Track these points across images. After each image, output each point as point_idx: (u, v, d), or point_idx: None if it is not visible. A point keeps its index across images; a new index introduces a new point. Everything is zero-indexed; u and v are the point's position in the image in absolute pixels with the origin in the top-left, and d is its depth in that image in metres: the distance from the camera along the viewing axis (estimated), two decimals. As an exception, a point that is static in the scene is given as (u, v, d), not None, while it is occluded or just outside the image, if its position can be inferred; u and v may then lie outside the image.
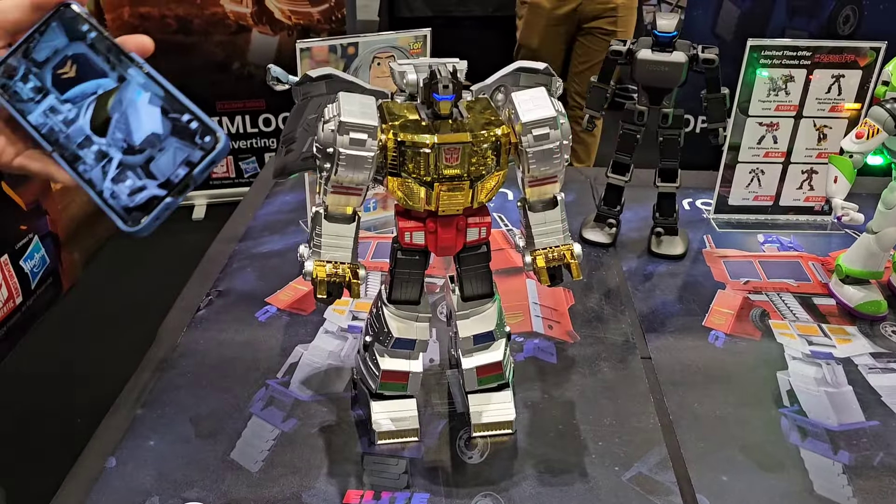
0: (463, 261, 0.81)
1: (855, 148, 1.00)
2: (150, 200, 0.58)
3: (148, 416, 0.89)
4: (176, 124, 0.58)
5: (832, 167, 1.03)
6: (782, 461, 0.85)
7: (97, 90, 0.61)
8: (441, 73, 0.72)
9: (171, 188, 0.57)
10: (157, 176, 0.58)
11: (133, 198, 0.58)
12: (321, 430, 0.88)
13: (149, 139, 0.59)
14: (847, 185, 1.01)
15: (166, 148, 0.58)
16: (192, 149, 0.58)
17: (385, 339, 0.83)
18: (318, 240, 0.76)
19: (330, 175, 0.72)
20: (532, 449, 0.86)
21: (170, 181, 0.58)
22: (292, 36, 2.63)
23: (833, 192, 1.02)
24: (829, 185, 1.03)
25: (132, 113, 0.60)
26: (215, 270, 1.18)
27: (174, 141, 0.58)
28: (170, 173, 0.58)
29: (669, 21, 1.11)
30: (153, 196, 0.58)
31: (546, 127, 0.72)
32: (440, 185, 0.72)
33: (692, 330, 1.07)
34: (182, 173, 0.57)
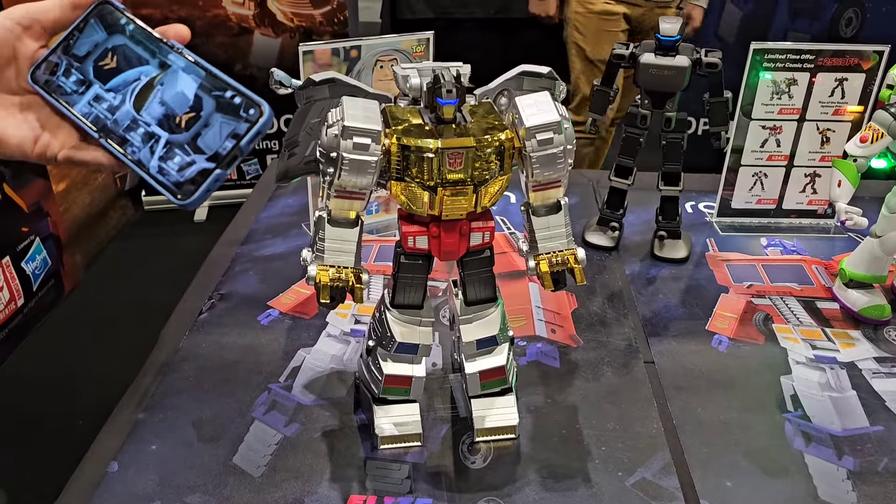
0: (466, 265, 0.81)
1: (859, 152, 1.00)
2: (199, 174, 0.61)
3: (150, 421, 0.89)
4: (220, 101, 0.62)
5: (836, 171, 1.02)
6: (786, 466, 0.85)
7: (140, 77, 0.64)
8: (445, 78, 0.72)
9: (219, 160, 0.61)
10: (204, 150, 0.61)
11: (183, 173, 0.61)
12: (324, 434, 0.88)
13: (186, 109, 0.62)
14: (851, 189, 1.01)
15: (212, 123, 0.62)
16: (238, 122, 0.61)
17: (388, 344, 0.83)
18: (321, 244, 0.76)
19: (333, 179, 0.72)
20: (535, 454, 0.86)
21: (218, 154, 0.61)
22: (294, 38, 2.63)
23: (837, 197, 1.02)
24: (833, 189, 1.02)
25: (174, 94, 0.63)
26: (217, 274, 1.18)
27: (219, 116, 0.62)
28: (217, 146, 0.61)
29: (672, 25, 1.11)
30: (202, 169, 0.61)
31: (550, 131, 0.72)
32: (444, 189, 0.72)
33: (695, 334, 1.06)
34: (229, 145, 0.61)
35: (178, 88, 0.63)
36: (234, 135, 0.61)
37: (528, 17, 3.59)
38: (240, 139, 0.61)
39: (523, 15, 3.54)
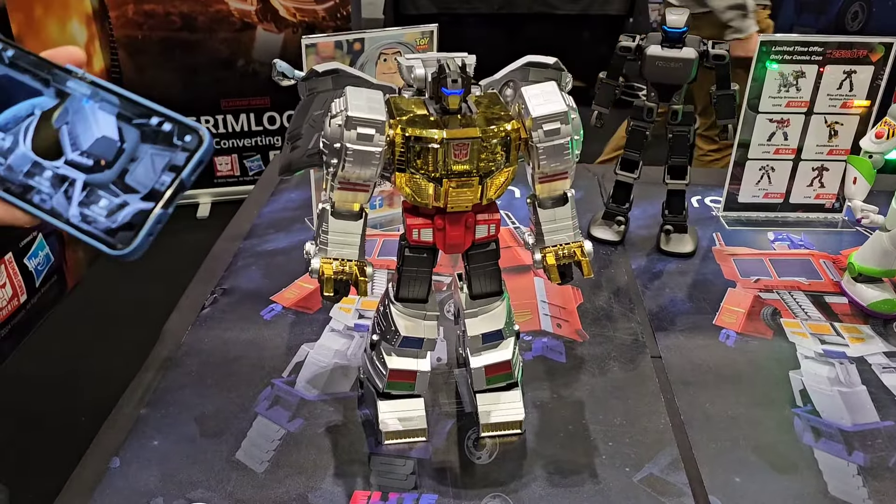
0: (471, 258, 0.80)
1: (874, 148, 0.99)
2: (135, 216, 0.50)
3: (152, 416, 0.88)
4: (144, 129, 0.52)
5: (851, 168, 1.01)
6: (796, 462, 0.84)
7: (33, 111, 0.54)
8: (450, 68, 0.71)
9: (158, 198, 0.51)
10: (137, 189, 0.51)
11: (114, 217, 0.51)
12: (327, 430, 0.87)
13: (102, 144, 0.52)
14: (867, 186, 1.00)
15: (140, 157, 0.52)
16: (173, 152, 0.51)
17: (392, 338, 0.82)
18: (324, 237, 0.75)
19: (337, 171, 0.71)
20: (541, 449, 0.85)
21: (155, 191, 0.51)
22: (297, 33, 2.62)
23: (853, 194, 1.00)
24: (849, 186, 1.01)
25: (83, 127, 0.53)
26: (220, 269, 1.17)
27: (148, 147, 0.52)
28: (152, 182, 0.51)
29: (679, 17, 1.10)
30: (138, 210, 0.51)
31: (557, 122, 0.71)
32: (449, 181, 0.71)
33: (702, 329, 1.05)
34: (167, 180, 0.51)
35: (91, 122, 0.53)
36: (171, 167, 0.51)
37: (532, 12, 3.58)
38: (179, 171, 0.51)
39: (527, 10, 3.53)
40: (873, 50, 1.20)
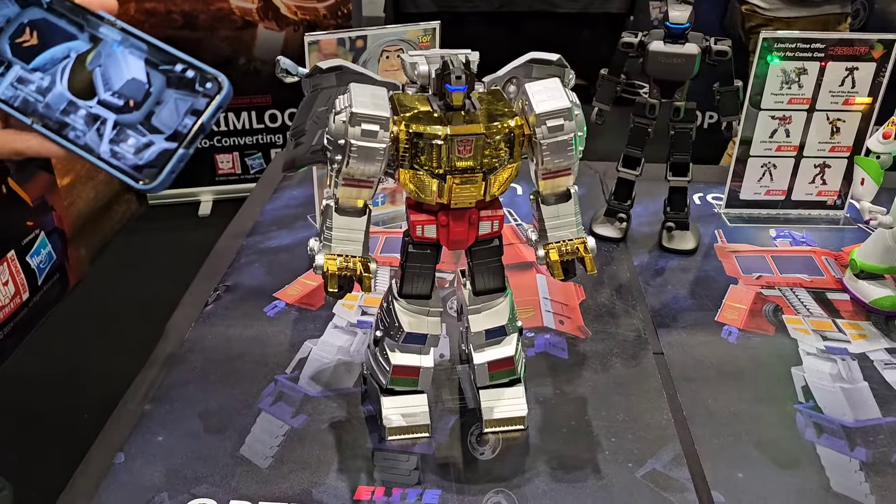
0: (475, 254, 0.80)
1: (882, 148, 0.99)
2: (160, 155, 0.56)
3: (156, 412, 0.89)
4: (169, 76, 0.57)
5: (858, 169, 1.01)
6: (798, 458, 0.84)
7: (69, 53, 0.58)
8: (454, 64, 0.71)
9: (180, 139, 0.55)
10: (162, 130, 0.56)
11: (140, 155, 0.56)
12: (331, 425, 0.87)
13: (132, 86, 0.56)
14: (875, 187, 1.00)
15: (165, 100, 0.56)
16: (195, 97, 0.56)
17: (396, 334, 0.82)
18: (328, 233, 0.75)
19: (341, 167, 0.71)
20: (544, 445, 0.85)
21: (178, 132, 0.56)
22: (298, 31, 2.62)
23: (860, 195, 1.01)
24: (856, 187, 1.01)
25: (115, 69, 0.57)
26: (223, 266, 1.17)
27: (172, 92, 0.56)
28: (176, 125, 0.56)
29: (682, 12, 1.10)
30: (163, 150, 0.56)
31: (560, 118, 0.71)
32: (452, 177, 0.71)
33: (705, 325, 1.06)
34: (189, 123, 0.56)
35: (122, 65, 0.57)
36: (193, 111, 0.56)
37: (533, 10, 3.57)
38: (200, 115, 0.56)
39: (528, 8, 3.53)
40: (873, 47, 1.20)
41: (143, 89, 0.57)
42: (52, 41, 0.58)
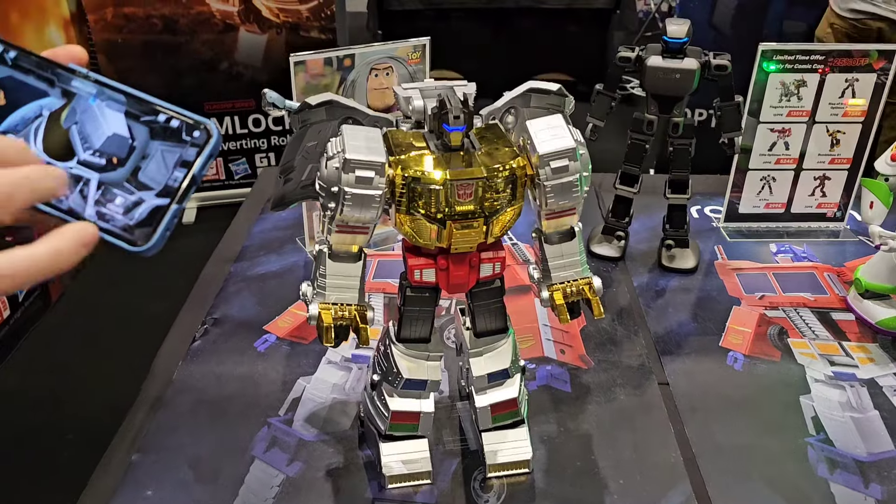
0: (476, 296, 0.77)
1: (890, 170, 0.96)
2: (152, 213, 0.52)
3: (144, 462, 0.85)
4: (153, 127, 0.53)
5: (867, 192, 0.98)
6: (811, 497, 0.82)
7: (41, 112, 0.54)
8: (451, 103, 0.67)
9: (172, 194, 0.52)
10: (151, 186, 0.52)
11: (131, 215, 0.52)
12: (328, 473, 0.84)
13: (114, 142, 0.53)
14: (884, 210, 0.97)
15: (151, 154, 0.52)
16: (183, 147, 0.52)
17: (394, 380, 0.79)
18: (322, 280, 0.72)
19: (335, 214, 0.67)
20: (550, 489, 0.82)
21: (168, 187, 0.52)
22: (281, 34, 2.56)
23: (870, 219, 0.98)
24: (865, 211, 0.99)
25: (93, 126, 0.53)
26: (210, 295, 1.13)
27: (157, 144, 0.53)
28: (165, 179, 0.52)
29: (680, 27, 1.06)
30: (154, 207, 0.52)
31: (565, 159, 0.68)
32: (453, 222, 0.68)
33: (709, 351, 1.03)
34: (180, 175, 0.52)
35: (101, 121, 0.53)
36: (182, 163, 0.52)
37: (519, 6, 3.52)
38: (190, 166, 0.52)
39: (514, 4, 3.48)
40: (870, 56, 1.18)
41: (126, 144, 0.53)
42: (21, 100, 0.54)
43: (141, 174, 0.52)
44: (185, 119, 0.52)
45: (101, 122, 0.53)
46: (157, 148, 0.52)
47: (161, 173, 0.52)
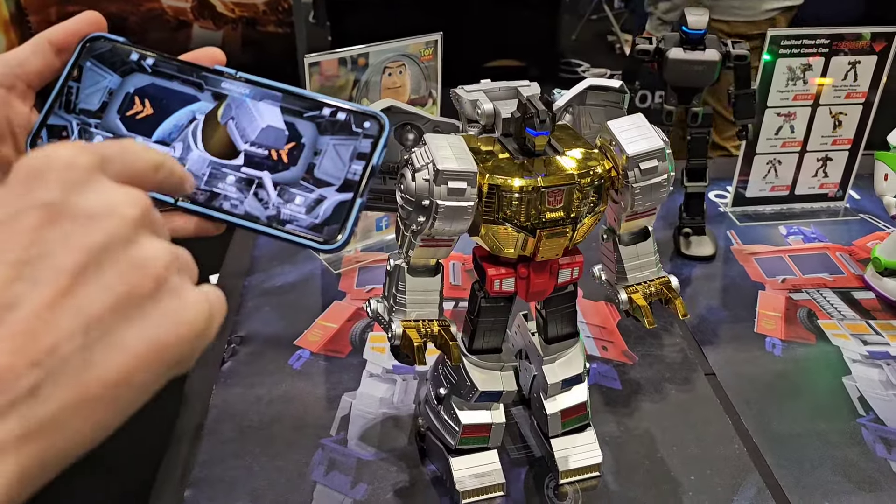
0: (550, 302, 0.75)
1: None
2: (337, 209, 0.49)
3: (200, 499, 0.80)
4: (318, 122, 0.51)
5: (881, 164, 1.00)
6: (876, 478, 0.83)
7: (194, 116, 0.51)
8: (536, 106, 0.64)
9: (354, 188, 0.50)
10: (330, 182, 0.50)
11: (315, 213, 0.49)
12: (396, 493, 0.81)
13: (270, 134, 0.51)
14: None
15: (323, 149, 0.51)
16: (356, 139, 0.50)
17: (468, 393, 0.76)
18: (401, 297, 0.68)
19: (423, 228, 0.64)
20: (625, 492, 0.81)
21: (349, 181, 0.50)
22: (237, 30, 2.48)
23: (884, 190, 1.00)
24: (879, 182, 1.00)
25: (248, 120, 0.51)
26: (230, 312, 1.07)
27: (328, 139, 0.51)
28: (344, 173, 0.50)
29: (700, 17, 1.06)
30: (338, 203, 0.49)
31: (654, 159, 0.66)
32: (542, 230, 0.65)
33: (746, 339, 1.03)
34: (359, 168, 0.50)
35: (258, 118, 0.51)
36: (359, 155, 0.50)
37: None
38: (368, 158, 0.50)
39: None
40: (862, 38, 1.20)
41: (282, 137, 0.51)
42: (170, 108, 0.51)
43: (317, 171, 0.50)
44: (351, 111, 0.51)
45: (256, 116, 0.51)
46: (329, 143, 0.51)
47: (338, 168, 0.50)
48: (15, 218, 0.30)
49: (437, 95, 1.17)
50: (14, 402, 0.27)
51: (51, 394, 0.28)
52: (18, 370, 0.27)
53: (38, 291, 0.29)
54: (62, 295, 0.29)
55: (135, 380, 0.31)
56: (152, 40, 2.43)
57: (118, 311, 0.30)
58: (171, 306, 0.32)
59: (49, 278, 0.29)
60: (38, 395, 0.28)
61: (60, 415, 0.28)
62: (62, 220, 0.30)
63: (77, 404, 0.29)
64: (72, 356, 0.29)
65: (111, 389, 0.30)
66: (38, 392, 0.28)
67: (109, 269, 0.31)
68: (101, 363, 0.30)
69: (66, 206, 0.31)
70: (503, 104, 0.69)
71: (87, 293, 0.30)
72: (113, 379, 0.30)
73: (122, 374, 0.30)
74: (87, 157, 0.33)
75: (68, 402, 0.29)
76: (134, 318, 0.31)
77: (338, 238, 0.48)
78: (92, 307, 0.30)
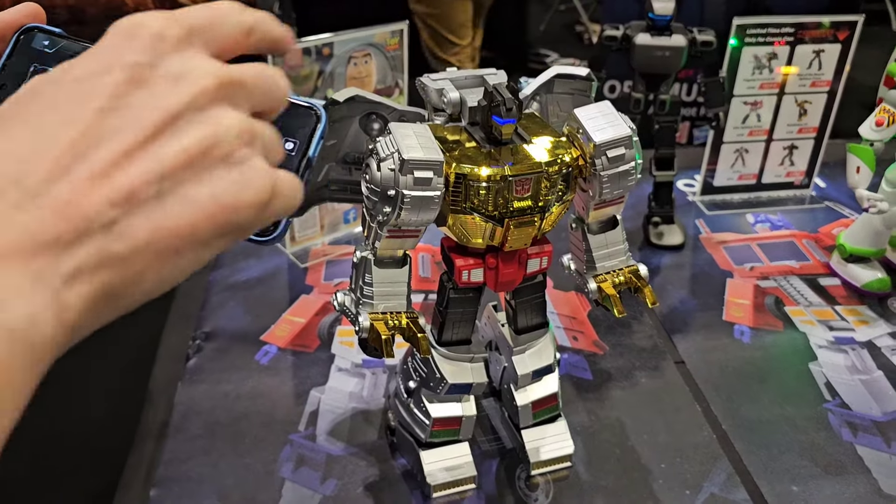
0: (519, 292, 0.74)
1: (875, 136, 0.99)
2: None
3: (167, 497, 0.78)
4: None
5: (853, 157, 1.01)
6: (843, 462, 0.84)
7: None
8: (502, 95, 0.63)
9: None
10: None
11: None
12: (366, 488, 0.80)
13: None
14: (870, 174, 0.99)
15: None
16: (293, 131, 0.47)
17: (437, 386, 0.75)
18: (368, 289, 0.67)
19: (388, 219, 0.63)
20: (597, 481, 0.81)
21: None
22: (200, 21, 2.43)
23: (856, 183, 1.00)
24: (851, 175, 1.01)
25: None
26: (194, 308, 1.05)
27: None
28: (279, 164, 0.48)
29: (666, 3, 1.06)
30: None
31: (621, 147, 0.65)
32: (510, 219, 0.64)
33: (715, 327, 1.04)
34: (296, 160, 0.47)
35: None
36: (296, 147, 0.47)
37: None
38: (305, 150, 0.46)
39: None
40: (840, 29, 1.21)
41: None
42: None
43: None
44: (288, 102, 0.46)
45: None
46: None
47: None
48: (105, 72, 0.33)
49: (403, 86, 1.16)
50: (91, 233, 0.30)
51: (123, 231, 0.31)
52: (97, 205, 0.30)
53: (118, 139, 0.31)
54: (139, 146, 0.32)
55: (200, 234, 0.33)
56: (113, 32, 2.37)
57: (190, 169, 0.33)
58: (239, 173, 0.34)
59: (129, 129, 0.32)
60: (112, 231, 0.30)
61: (130, 254, 0.31)
62: (147, 81, 0.33)
63: (147, 246, 0.31)
64: (145, 201, 0.31)
65: (178, 239, 0.32)
66: (113, 227, 0.30)
67: (185, 130, 0.33)
68: (172, 212, 0.32)
69: (152, 69, 0.33)
70: (469, 93, 0.68)
71: (162, 148, 0.32)
72: (181, 228, 0.32)
73: (189, 226, 0.32)
74: (176, 29, 0.35)
75: (139, 244, 0.31)
76: (204, 178, 0.33)
77: (272, 229, 0.46)
78: (166, 161, 0.32)
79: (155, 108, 0.33)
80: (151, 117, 0.32)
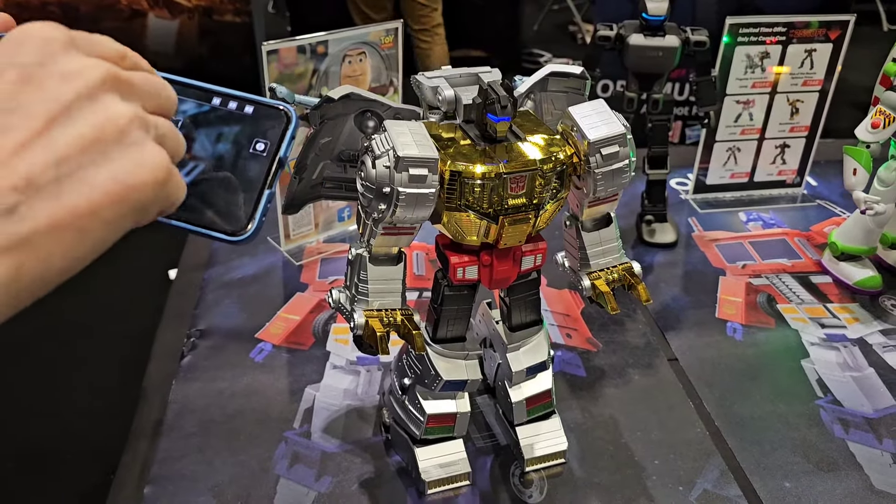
0: (514, 289, 0.74)
1: (871, 138, 0.99)
2: (245, 200, 0.48)
3: (162, 495, 0.78)
4: (224, 115, 0.49)
5: (849, 159, 1.01)
6: (835, 458, 0.85)
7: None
8: (497, 92, 0.64)
9: (261, 179, 0.48)
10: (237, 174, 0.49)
11: None
12: (361, 485, 0.80)
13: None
14: (866, 175, 1.00)
15: (229, 142, 0.49)
16: (264, 132, 0.49)
17: (432, 383, 0.75)
18: (363, 286, 0.67)
19: (384, 216, 0.63)
20: (590, 478, 0.81)
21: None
22: (193, 19, 2.43)
23: (853, 185, 1.01)
24: (848, 177, 1.02)
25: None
26: (188, 306, 1.05)
27: (234, 131, 0.49)
28: (250, 164, 0.48)
29: (660, 4, 1.06)
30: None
31: (615, 145, 0.66)
32: (505, 217, 0.65)
33: (708, 324, 1.04)
34: (267, 160, 0.49)
35: None
36: (267, 147, 0.50)
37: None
38: (276, 150, 0.49)
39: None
40: (833, 28, 1.22)
41: (188, 130, 0.49)
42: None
43: (223, 163, 0.48)
44: (258, 103, 0.49)
45: None
46: (235, 135, 0.48)
47: (245, 160, 0.48)
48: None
49: (398, 84, 1.16)
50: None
51: (26, 214, 0.32)
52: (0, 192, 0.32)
53: (15, 132, 0.33)
54: (35, 136, 0.34)
55: (101, 214, 0.35)
56: (105, 30, 2.35)
57: (86, 153, 0.35)
58: (133, 154, 0.36)
59: (23, 124, 0.34)
60: (15, 214, 0.32)
61: (35, 236, 0.33)
62: (38, 78, 0.35)
63: (50, 228, 0.33)
64: (45, 186, 0.33)
65: (80, 219, 0.34)
66: (15, 211, 0.32)
67: (78, 118, 0.35)
68: (71, 194, 0.34)
69: (42, 68, 0.35)
70: (464, 90, 0.68)
71: (57, 136, 0.34)
72: (81, 209, 0.34)
73: (89, 206, 0.34)
74: (62, 35, 0.37)
75: (42, 225, 0.33)
76: (99, 161, 0.35)
77: (247, 228, 0.47)
78: (62, 147, 0.34)
79: (47, 100, 0.35)
80: (43, 109, 0.34)
